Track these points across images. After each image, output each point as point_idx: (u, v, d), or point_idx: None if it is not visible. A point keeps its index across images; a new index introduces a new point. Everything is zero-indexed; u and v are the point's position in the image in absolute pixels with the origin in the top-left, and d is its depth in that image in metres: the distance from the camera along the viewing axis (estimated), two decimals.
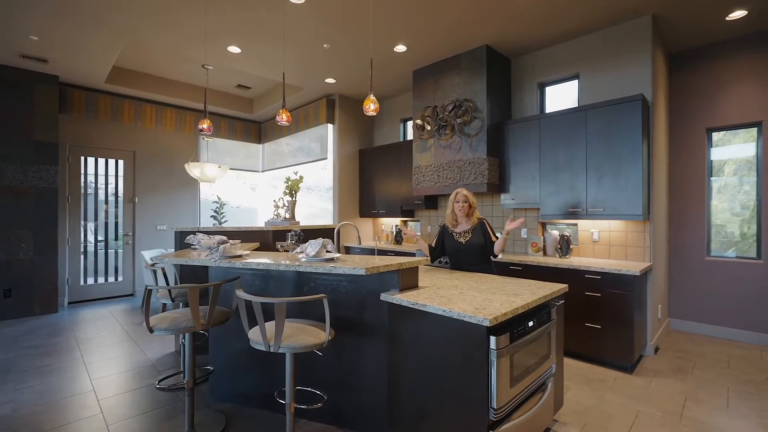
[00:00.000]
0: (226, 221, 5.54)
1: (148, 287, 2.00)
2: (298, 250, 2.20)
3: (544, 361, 1.99)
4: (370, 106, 2.31)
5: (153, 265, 2.77)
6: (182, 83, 5.80)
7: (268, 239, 3.57)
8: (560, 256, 3.75)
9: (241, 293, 1.84)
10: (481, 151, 4.00)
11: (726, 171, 4.02)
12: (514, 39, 3.88)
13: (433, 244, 3.02)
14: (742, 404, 2.56)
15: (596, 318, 3.15)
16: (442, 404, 1.79)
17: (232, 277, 2.29)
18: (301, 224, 4.04)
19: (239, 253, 2.38)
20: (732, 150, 3.98)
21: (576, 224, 3.88)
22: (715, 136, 4.03)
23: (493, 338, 1.62)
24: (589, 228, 3.79)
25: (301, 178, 4.07)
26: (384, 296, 2.03)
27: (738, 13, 3.36)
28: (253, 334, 1.86)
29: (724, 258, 3.95)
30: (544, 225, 4.16)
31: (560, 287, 2.25)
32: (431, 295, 2.00)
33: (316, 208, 6.79)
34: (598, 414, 2.43)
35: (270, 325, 1.89)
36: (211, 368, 2.58)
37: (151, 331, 2.01)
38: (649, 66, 3.40)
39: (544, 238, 3.95)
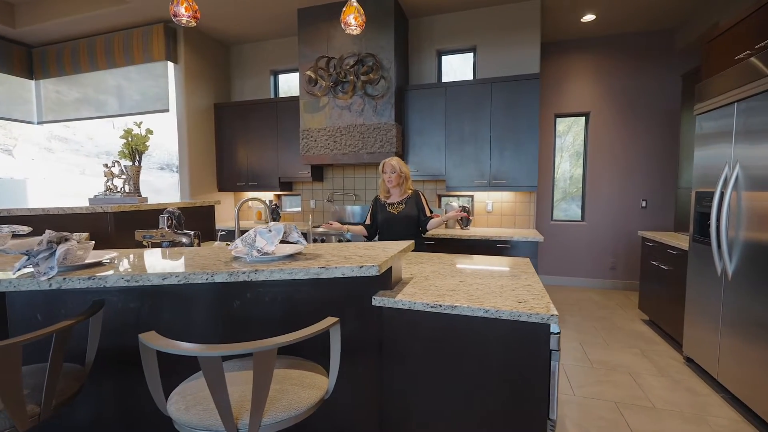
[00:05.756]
0: None
1: None
2: (238, 244, 1.30)
3: None
4: (355, 18, 1.51)
5: None
6: None
7: (105, 227, 2.24)
8: (462, 228, 3.82)
9: (166, 345, 0.91)
10: (388, 116, 3.59)
11: (564, 151, 4.94)
12: None
13: (367, 221, 2.71)
14: (612, 339, 3.17)
15: None
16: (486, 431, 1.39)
17: (90, 309, 1.19)
18: (149, 201, 2.73)
19: (96, 258, 1.27)
20: (568, 134, 4.91)
21: (472, 196, 4.02)
22: (559, 120, 4.86)
23: (554, 337, 1.31)
24: (484, 199, 3.98)
25: (149, 131, 2.74)
26: (380, 300, 1.43)
27: (589, 17, 3.99)
28: (193, 414, 0.97)
29: (561, 221, 4.89)
30: (440, 197, 4.16)
31: (527, 260, 2.16)
32: (436, 289, 1.53)
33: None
34: None
35: (231, 384, 1.02)
36: None
37: None
38: (538, 47, 3.69)
39: (445, 210, 3.94)
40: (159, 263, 1.29)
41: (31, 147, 5.62)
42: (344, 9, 1.45)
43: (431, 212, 2.62)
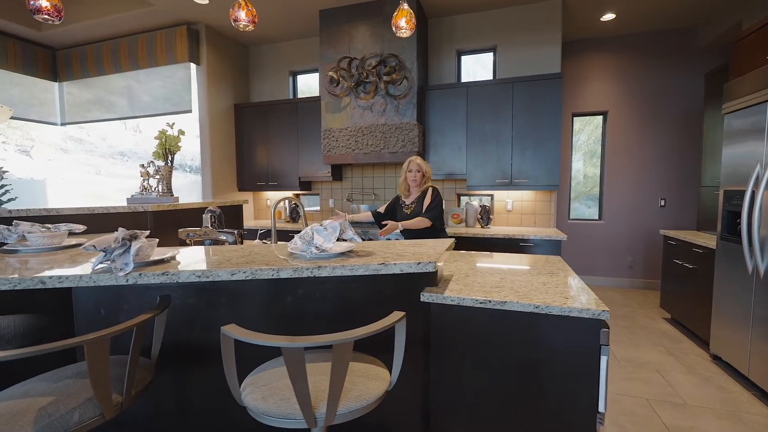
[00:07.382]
0: (13, 199, 3.43)
1: None
2: (297, 242, 1.35)
3: None
4: (406, 21, 1.55)
5: None
6: None
7: (145, 225, 2.29)
8: (482, 226, 3.84)
9: (250, 336, 0.95)
10: (410, 116, 3.63)
11: (578, 150, 4.95)
12: None
13: (380, 210, 2.80)
14: (636, 337, 3.18)
15: None
16: (533, 424, 1.42)
17: (162, 304, 1.24)
18: (181, 201, 2.80)
19: (160, 256, 1.32)
20: (581, 133, 4.91)
21: (492, 195, 4.04)
22: (576, 119, 4.87)
23: (604, 331, 1.34)
24: (504, 198, 4.00)
25: (182, 132, 2.80)
26: (428, 296, 1.47)
27: (609, 16, 4.00)
28: (270, 403, 1.01)
29: (579, 220, 4.90)
30: (459, 196, 4.19)
31: (558, 258, 2.19)
32: (480, 286, 1.56)
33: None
34: None
35: (312, 375, 1.06)
36: None
37: None
38: (559, 47, 3.70)
39: (465, 209, 3.97)
40: (220, 259, 1.33)
41: (47, 148, 5.72)
42: (396, 13, 1.49)
43: (428, 210, 2.55)
